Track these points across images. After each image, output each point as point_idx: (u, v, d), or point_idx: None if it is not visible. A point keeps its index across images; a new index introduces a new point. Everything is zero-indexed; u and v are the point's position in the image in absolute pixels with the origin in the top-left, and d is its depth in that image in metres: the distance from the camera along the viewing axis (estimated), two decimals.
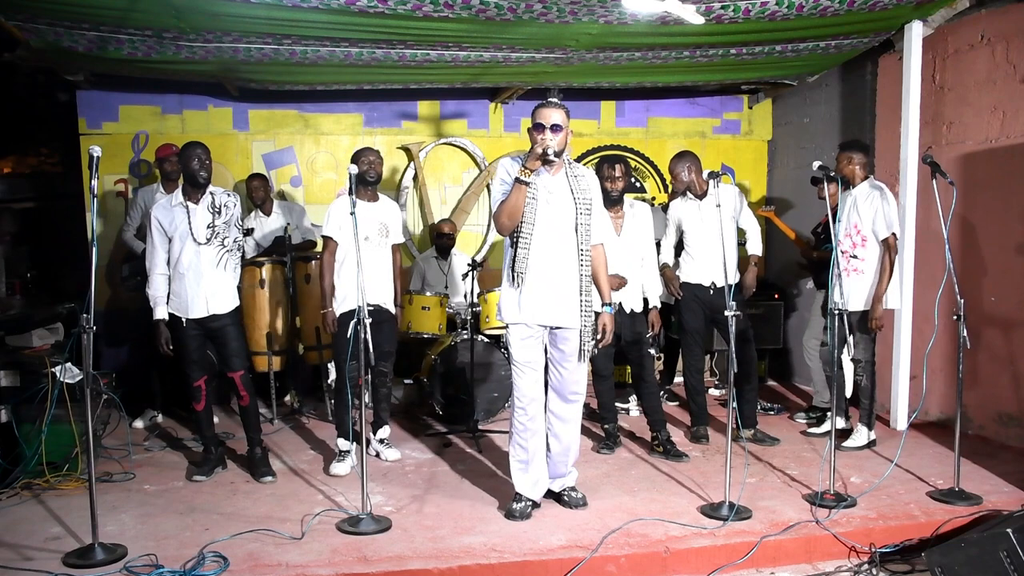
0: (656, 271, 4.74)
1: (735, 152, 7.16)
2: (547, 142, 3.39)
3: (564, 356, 3.65)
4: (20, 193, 7.56)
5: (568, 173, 3.60)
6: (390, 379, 4.60)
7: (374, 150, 4.50)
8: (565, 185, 3.58)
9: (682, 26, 4.44)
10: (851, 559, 3.44)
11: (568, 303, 3.57)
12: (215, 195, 4.21)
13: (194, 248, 4.13)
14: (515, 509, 3.63)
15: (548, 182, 3.55)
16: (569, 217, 3.56)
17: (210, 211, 4.17)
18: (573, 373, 3.68)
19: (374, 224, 4.40)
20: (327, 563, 3.14)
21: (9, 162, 7.86)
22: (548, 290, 3.55)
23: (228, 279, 4.25)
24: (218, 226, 4.18)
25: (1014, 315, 4.73)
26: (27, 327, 4.63)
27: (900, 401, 5.10)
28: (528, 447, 3.66)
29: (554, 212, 3.54)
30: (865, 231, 4.60)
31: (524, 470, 3.69)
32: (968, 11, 4.96)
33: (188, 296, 4.14)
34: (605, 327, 3.71)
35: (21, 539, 3.40)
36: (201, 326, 4.20)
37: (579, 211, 3.56)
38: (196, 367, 4.24)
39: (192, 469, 4.34)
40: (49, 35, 4.50)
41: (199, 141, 4.22)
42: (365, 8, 4.16)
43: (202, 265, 4.14)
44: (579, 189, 3.58)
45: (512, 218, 3.47)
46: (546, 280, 3.54)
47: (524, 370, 3.61)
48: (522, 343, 3.60)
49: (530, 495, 3.68)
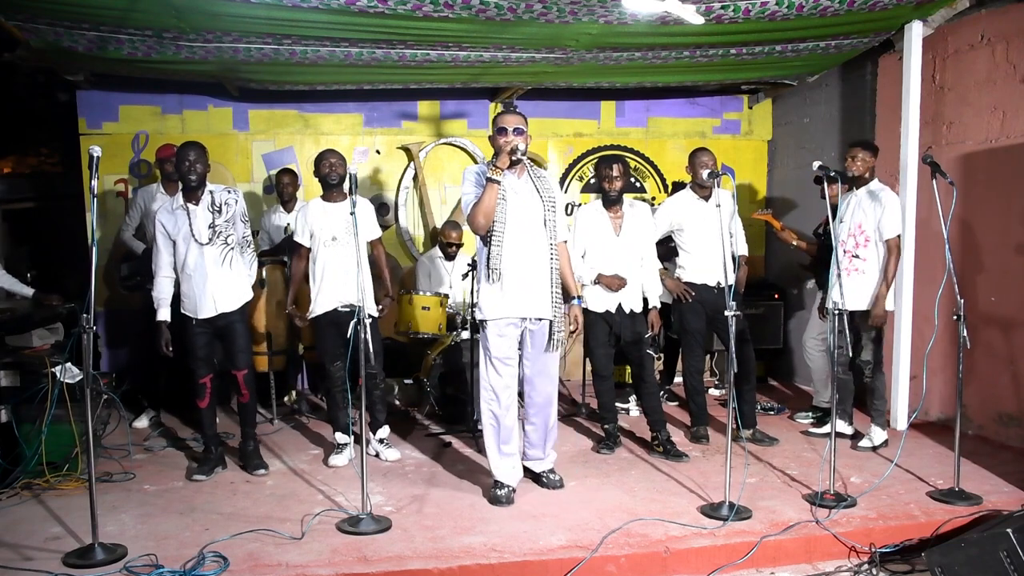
0: (656, 271, 4.73)
1: (735, 152, 7.16)
2: (513, 142, 3.63)
3: (538, 346, 3.86)
4: (20, 193, 7.56)
5: (531, 174, 3.84)
6: (380, 380, 4.60)
7: (335, 152, 4.47)
8: (530, 185, 3.81)
9: (682, 26, 4.44)
10: (851, 559, 3.44)
11: (541, 295, 3.79)
12: (215, 194, 4.22)
13: (198, 249, 4.16)
14: (500, 495, 3.80)
15: (514, 183, 3.78)
16: (537, 214, 3.79)
17: (210, 211, 4.18)
18: (548, 362, 3.89)
19: (340, 223, 4.39)
20: (327, 563, 3.14)
21: (9, 162, 7.85)
22: (523, 283, 3.76)
23: (234, 277, 4.26)
24: (219, 225, 4.19)
25: (1014, 315, 4.73)
26: (27, 327, 4.63)
27: (900, 401, 5.10)
28: (504, 436, 3.85)
29: (523, 210, 3.76)
30: (869, 231, 4.60)
31: (502, 458, 3.87)
32: (968, 11, 4.96)
33: (196, 297, 4.18)
34: (577, 318, 3.97)
35: (21, 539, 3.40)
36: (211, 324, 4.23)
37: (546, 208, 3.79)
38: (203, 364, 4.25)
39: (192, 468, 4.35)
40: (49, 35, 4.50)
41: (194, 142, 4.23)
42: (365, 8, 4.16)
43: (207, 265, 4.16)
44: (544, 188, 3.82)
45: (487, 217, 3.67)
46: (520, 274, 3.75)
47: (500, 364, 3.80)
48: (500, 339, 3.79)
49: (510, 481, 3.86)
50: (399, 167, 6.77)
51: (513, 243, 3.73)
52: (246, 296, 4.34)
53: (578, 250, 4.64)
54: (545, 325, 3.82)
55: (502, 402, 3.81)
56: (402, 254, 6.78)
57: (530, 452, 4.07)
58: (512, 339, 3.81)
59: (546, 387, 3.94)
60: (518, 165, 3.75)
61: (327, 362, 4.46)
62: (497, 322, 3.77)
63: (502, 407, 3.81)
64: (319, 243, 4.40)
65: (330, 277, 4.37)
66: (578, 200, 6.99)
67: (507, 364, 3.80)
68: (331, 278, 4.37)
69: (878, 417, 4.71)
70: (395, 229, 6.78)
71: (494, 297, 3.77)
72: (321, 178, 4.45)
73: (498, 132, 3.71)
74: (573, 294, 3.98)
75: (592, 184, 6.98)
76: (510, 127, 3.68)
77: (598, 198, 4.70)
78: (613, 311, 4.60)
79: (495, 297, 3.76)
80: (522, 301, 3.77)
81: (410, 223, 6.81)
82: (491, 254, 3.71)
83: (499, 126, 3.72)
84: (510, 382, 3.82)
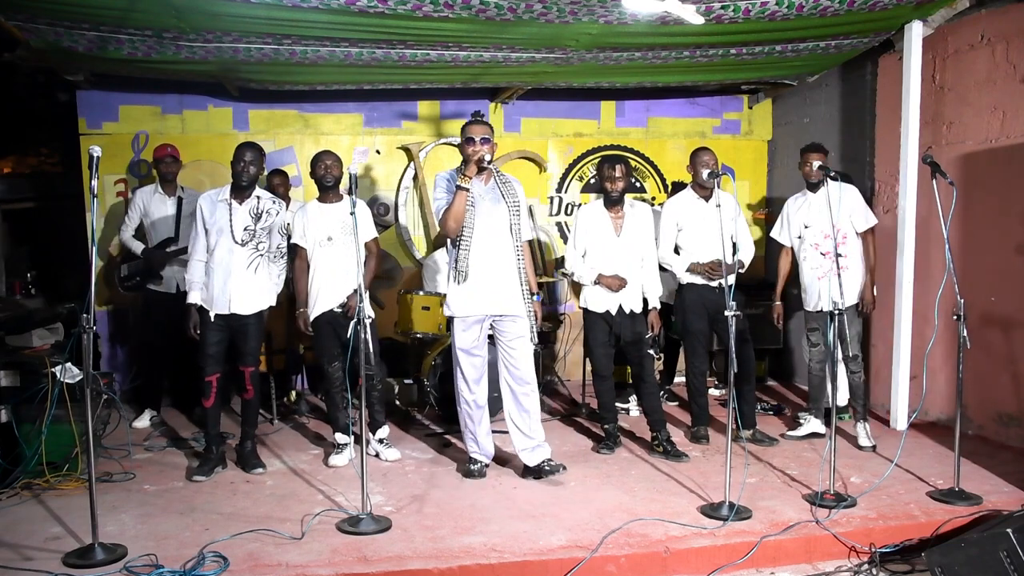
0: (656, 271, 4.73)
1: (735, 152, 7.15)
2: (481, 152, 3.90)
3: (513, 339, 4.12)
4: (20, 193, 7.55)
5: (497, 180, 4.10)
6: (378, 380, 4.59)
7: (331, 154, 4.50)
8: (496, 191, 4.08)
9: (682, 26, 4.44)
10: (851, 559, 3.44)
11: (509, 293, 4.05)
12: (261, 199, 4.31)
13: (229, 246, 4.21)
14: (473, 470, 4.20)
15: (481, 189, 4.04)
16: (503, 218, 4.05)
17: (252, 215, 4.25)
18: (523, 353, 4.14)
19: (336, 224, 4.41)
20: (327, 563, 3.14)
21: (9, 162, 7.85)
22: (489, 283, 4.02)
23: (257, 283, 4.29)
24: (255, 230, 4.25)
25: (1014, 315, 4.73)
26: (27, 327, 4.63)
27: (900, 401, 5.10)
28: (476, 420, 4.20)
29: (489, 215, 4.02)
30: (844, 227, 4.66)
31: (475, 439, 4.24)
32: (968, 11, 4.96)
33: (215, 291, 4.21)
34: (536, 313, 4.23)
35: (21, 539, 3.40)
36: (226, 322, 4.25)
37: (511, 212, 4.06)
38: (212, 361, 4.27)
39: (192, 468, 4.35)
40: (49, 35, 4.50)
41: (252, 143, 4.34)
42: (365, 8, 4.16)
43: (233, 264, 4.21)
44: (508, 193, 4.08)
45: (457, 221, 3.94)
46: (486, 275, 4.01)
47: (467, 354, 4.13)
48: (464, 333, 4.10)
49: (481, 457, 4.25)
50: (399, 167, 6.77)
51: (480, 246, 3.99)
52: (265, 303, 4.36)
53: (578, 250, 4.65)
54: (514, 319, 4.09)
55: (471, 387, 4.16)
56: (402, 254, 6.78)
57: (521, 443, 4.19)
58: (475, 332, 4.11)
59: (525, 377, 4.16)
60: (484, 172, 4.01)
61: (325, 363, 4.47)
62: (464, 319, 4.08)
63: (472, 391, 4.16)
64: (314, 244, 4.43)
65: (327, 278, 4.39)
66: (578, 200, 6.99)
67: (473, 354, 4.14)
68: (327, 279, 4.39)
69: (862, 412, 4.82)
70: (395, 229, 6.78)
71: (461, 296, 4.05)
72: (317, 180, 4.49)
73: (466, 142, 3.98)
74: (532, 290, 4.24)
75: (592, 184, 6.98)
76: (477, 137, 3.95)
77: (598, 198, 4.70)
78: (613, 311, 4.61)
79: (462, 296, 4.04)
80: (488, 299, 4.04)
81: (410, 223, 6.80)
82: (459, 257, 3.99)
83: (467, 135, 3.98)
84: (477, 370, 4.17)
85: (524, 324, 4.09)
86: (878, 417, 5.15)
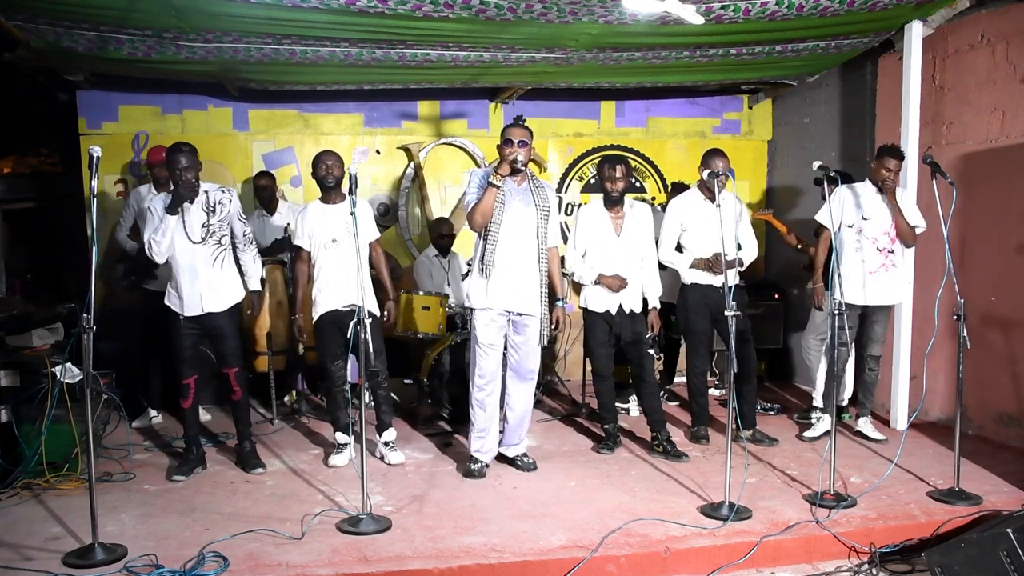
0: (656, 271, 4.73)
1: (735, 152, 7.09)
2: (516, 153, 3.99)
3: (524, 340, 4.21)
4: (20, 193, 7.55)
5: (531, 184, 4.17)
6: (385, 378, 4.56)
7: (332, 154, 4.46)
8: (528, 194, 4.15)
9: (682, 26, 4.44)
10: (851, 559, 3.44)
11: (529, 293, 4.14)
12: (208, 193, 4.21)
13: (189, 247, 4.14)
14: (474, 470, 4.23)
15: (514, 190, 4.12)
16: (531, 221, 4.12)
17: (204, 210, 4.17)
18: (531, 355, 4.25)
19: (340, 225, 4.39)
20: (327, 563, 3.14)
21: (9, 162, 7.85)
22: (512, 281, 4.09)
23: (225, 277, 4.26)
24: (213, 224, 4.19)
25: (1014, 315, 4.73)
26: (27, 327, 4.63)
27: (900, 401, 5.10)
28: (487, 417, 4.24)
29: (518, 215, 4.09)
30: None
31: (482, 438, 4.27)
32: (968, 11, 4.96)
33: (184, 294, 4.17)
34: (559, 319, 4.30)
35: (21, 539, 3.40)
36: (198, 324, 4.22)
37: (539, 216, 4.13)
38: (187, 365, 4.26)
39: (172, 468, 4.35)
40: (49, 35, 4.50)
41: (181, 145, 4.12)
42: (365, 8, 4.17)
43: (197, 264, 4.16)
44: (540, 198, 4.15)
45: (484, 216, 4.02)
46: (510, 272, 4.09)
47: (487, 351, 4.16)
48: (486, 327, 4.14)
49: (484, 458, 4.28)
50: (399, 167, 6.77)
51: (506, 243, 4.07)
52: (236, 297, 4.33)
53: (578, 250, 4.65)
54: (530, 320, 4.16)
55: (487, 385, 4.20)
56: (402, 254, 6.78)
57: (506, 437, 4.39)
58: (497, 328, 4.16)
59: (526, 376, 4.29)
60: (519, 174, 4.11)
61: (328, 361, 4.46)
62: (484, 312, 4.13)
63: (487, 390, 4.21)
64: (318, 246, 4.41)
65: (331, 279, 4.37)
66: (578, 200, 6.99)
67: (493, 350, 4.17)
68: (332, 280, 4.37)
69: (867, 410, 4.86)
70: (395, 229, 6.78)
71: (483, 289, 4.11)
72: (318, 180, 4.45)
73: (504, 143, 4.06)
74: (558, 295, 4.33)
75: (592, 184, 6.98)
76: (515, 139, 4.04)
77: (599, 198, 4.70)
78: (613, 311, 4.60)
79: (484, 289, 4.11)
80: (508, 296, 4.11)
81: (410, 223, 6.81)
82: (485, 251, 4.07)
83: (506, 137, 4.07)
84: (495, 367, 4.20)
85: (536, 325, 4.17)
86: (878, 417, 5.14)
